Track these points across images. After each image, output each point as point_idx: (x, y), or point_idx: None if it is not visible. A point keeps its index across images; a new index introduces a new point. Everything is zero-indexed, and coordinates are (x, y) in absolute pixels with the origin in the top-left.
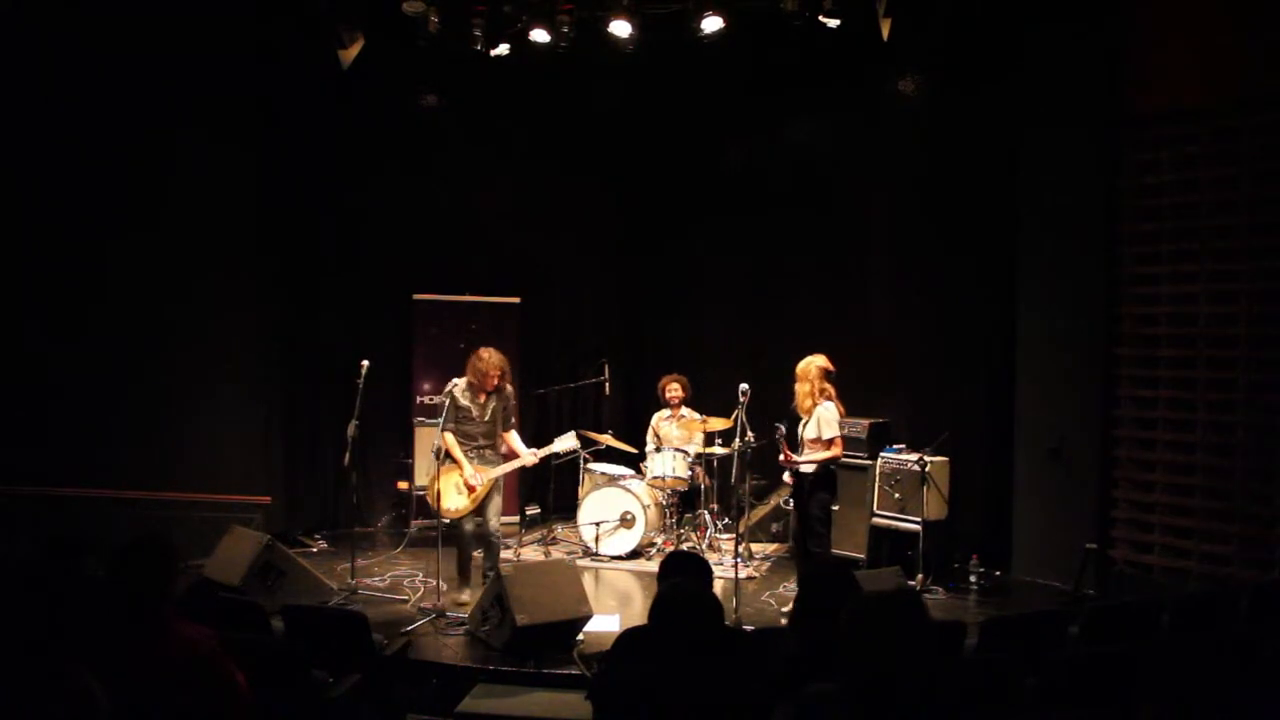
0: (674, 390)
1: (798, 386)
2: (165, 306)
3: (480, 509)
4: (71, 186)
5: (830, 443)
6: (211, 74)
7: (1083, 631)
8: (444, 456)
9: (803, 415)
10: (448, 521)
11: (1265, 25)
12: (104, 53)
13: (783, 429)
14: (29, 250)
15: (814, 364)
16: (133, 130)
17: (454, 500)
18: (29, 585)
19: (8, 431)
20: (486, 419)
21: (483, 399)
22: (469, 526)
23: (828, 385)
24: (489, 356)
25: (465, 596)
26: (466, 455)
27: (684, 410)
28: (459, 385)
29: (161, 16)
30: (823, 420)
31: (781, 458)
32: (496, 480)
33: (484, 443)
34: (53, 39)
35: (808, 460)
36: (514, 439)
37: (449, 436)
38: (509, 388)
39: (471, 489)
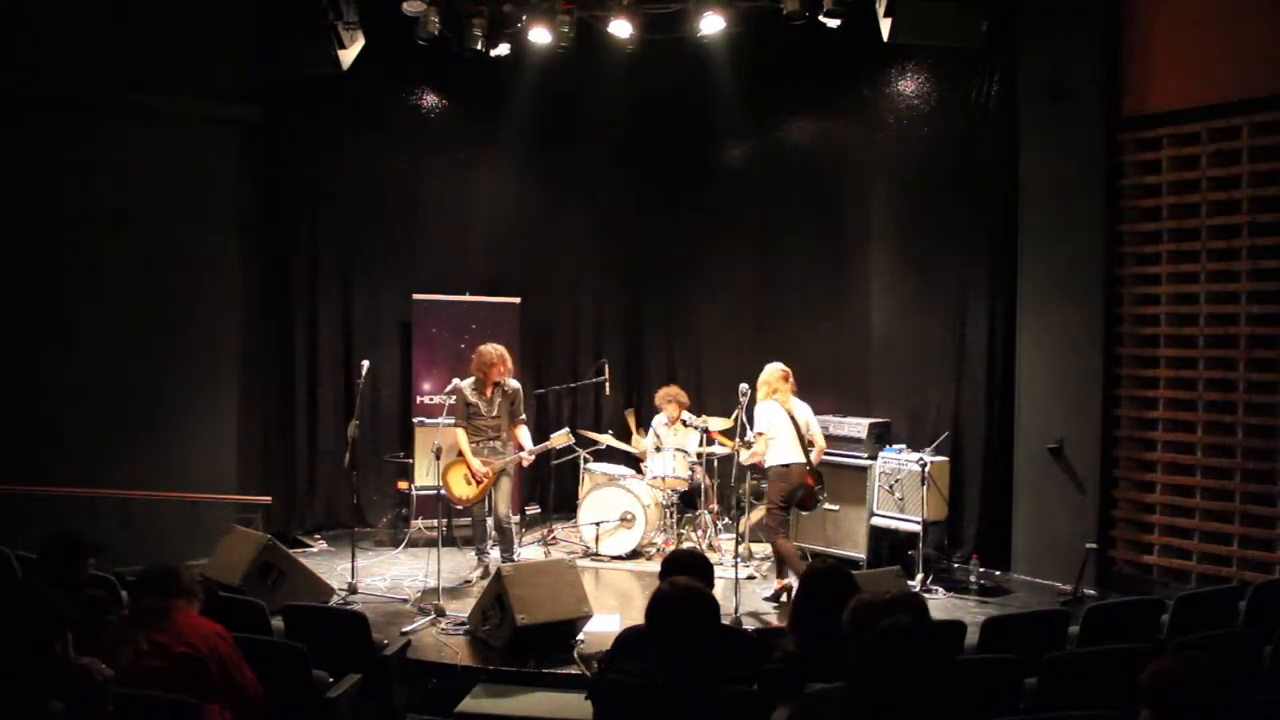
0: (672, 412)
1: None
2: (165, 306)
3: (487, 499)
4: (70, 185)
5: None
6: (211, 73)
7: (1083, 631)
8: (453, 449)
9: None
10: (459, 508)
11: (1265, 26)
12: (103, 52)
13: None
14: (28, 250)
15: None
16: (132, 129)
17: (462, 489)
18: (29, 584)
19: (8, 431)
20: (494, 414)
21: (489, 393)
22: (478, 514)
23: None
24: (488, 348)
25: (475, 576)
26: (478, 448)
27: (684, 416)
28: (466, 383)
29: (161, 15)
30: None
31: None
32: (504, 470)
33: (492, 435)
34: (53, 36)
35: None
36: (522, 434)
37: (459, 433)
38: (513, 383)
39: (478, 480)
